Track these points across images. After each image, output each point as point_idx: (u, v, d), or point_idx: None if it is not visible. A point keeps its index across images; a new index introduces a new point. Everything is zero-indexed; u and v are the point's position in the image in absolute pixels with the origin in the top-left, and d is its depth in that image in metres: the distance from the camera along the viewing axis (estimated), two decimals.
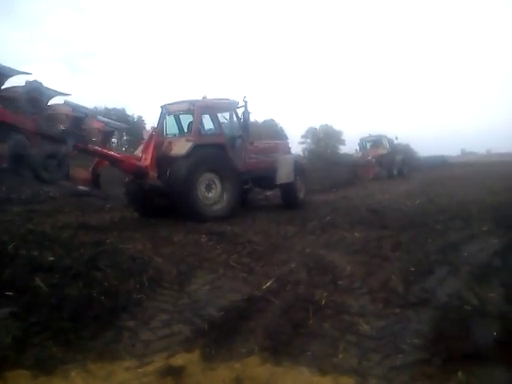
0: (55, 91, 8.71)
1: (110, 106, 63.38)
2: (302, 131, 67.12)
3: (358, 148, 30.32)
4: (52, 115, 8.78)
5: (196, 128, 10.71)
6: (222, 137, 11.19)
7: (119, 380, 3.26)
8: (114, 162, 9.77)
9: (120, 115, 61.39)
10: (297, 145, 60.80)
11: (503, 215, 8.56)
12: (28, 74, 8.31)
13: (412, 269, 5.36)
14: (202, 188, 10.35)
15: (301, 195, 13.04)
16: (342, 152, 56.58)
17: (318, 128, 68.97)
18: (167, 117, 11.69)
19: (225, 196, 10.72)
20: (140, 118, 62.84)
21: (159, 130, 11.14)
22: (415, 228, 7.91)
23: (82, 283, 4.68)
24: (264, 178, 12.24)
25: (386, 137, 29.39)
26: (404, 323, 3.97)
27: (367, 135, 30.03)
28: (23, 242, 5.90)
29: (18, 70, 8.18)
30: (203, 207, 10.26)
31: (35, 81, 8.29)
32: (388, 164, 27.57)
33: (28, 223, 8.90)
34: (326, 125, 68.06)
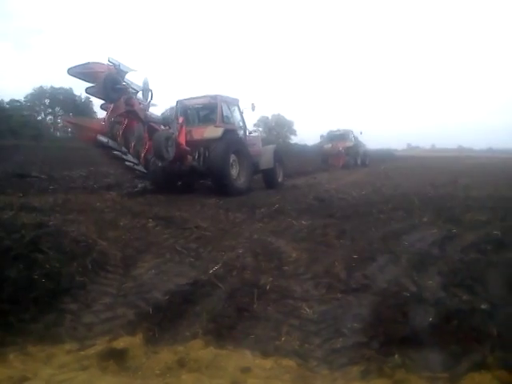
0: None
1: (57, 85, 61.29)
2: (254, 120, 67.14)
3: (323, 139, 33.57)
4: None
5: (220, 116, 12.86)
6: (234, 125, 13.65)
7: (59, 363, 3.20)
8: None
9: (67, 95, 59.58)
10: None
11: (443, 207, 8.90)
12: (135, 70, 10.06)
13: (355, 256, 5.49)
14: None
15: (279, 179, 15.36)
16: (293, 142, 57.16)
17: (269, 117, 69.22)
18: (181, 110, 13.34)
19: (242, 174, 12.83)
20: (88, 98, 60.92)
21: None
22: (359, 217, 8.11)
23: (22, 265, 4.52)
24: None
25: (351, 131, 33.64)
26: (345, 308, 4.07)
27: (336, 129, 34.05)
28: None
29: (131, 68, 9.93)
30: (233, 182, 12.23)
31: (145, 77, 10.28)
32: (353, 155, 32.10)
33: None
34: (278, 114, 68.49)
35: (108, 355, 3.27)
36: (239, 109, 14.48)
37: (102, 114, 10.45)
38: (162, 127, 11.57)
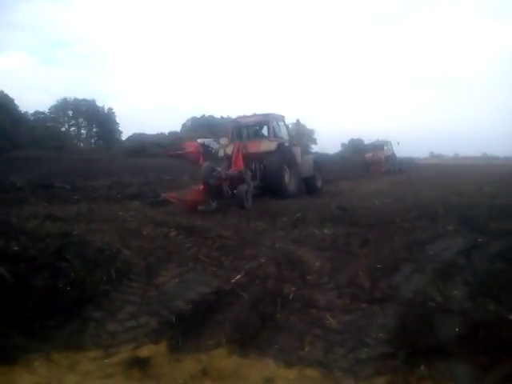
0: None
1: (80, 96, 62.39)
2: None
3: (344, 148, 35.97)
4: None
5: (272, 132, 14.75)
6: (283, 139, 15.56)
7: (84, 370, 3.23)
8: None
9: (90, 106, 60.51)
10: None
11: (468, 216, 8.73)
12: (216, 143, 13.41)
13: (379, 265, 5.41)
14: None
15: (319, 185, 17.01)
16: (313, 151, 56.96)
17: (290, 126, 69.09)
18: (236, 128, 15.43)
19: (292, 180, 14.59)
20: (110, 109, 61.85)
21: (233, 140, 14.64)
22: (383, 226, 7.99)
23: (47, 273, 4.59)
24: None
25: (389, 142, 36.81)
26: (370, 318, 4.03)
27: (375, 140, 37.83)
28: None
29: (213, 141, 13.31)
30: (286, 188, 14.03)
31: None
32: (392, 162, 34.97)
33: None
34: (298, 123, 68.25)
35: (132, 363, 3.29)
36: (285, 124, 16.54)
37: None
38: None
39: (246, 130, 15.77)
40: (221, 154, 13.71)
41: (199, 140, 12.66)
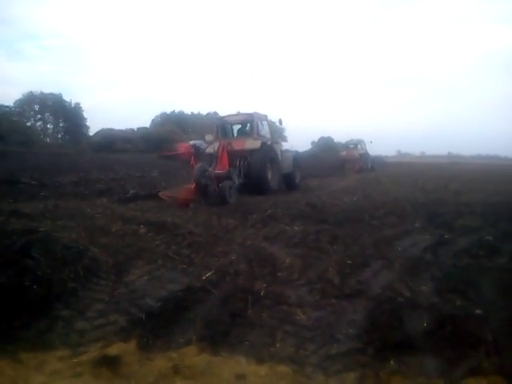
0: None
1: (47, 90, 61.03)
2: None
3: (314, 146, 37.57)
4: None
5: (256, 131, 15.42)
6: (266, 137, 16.04)
7: (52, 369, 3.15)
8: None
9: (57, 101, 59.30)
10: None
11: (435, 213, 8.94)
12: (207, 145, 14.60)
13: (348, 261, 5.49)
14: None
15: (297, 181, 17.91)
16: (284, 148, 57.24)
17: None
18: (221, 126, 16.11)
19: (274, 177, 15.44)
20: (77, 104, 60.75)
21: (218, 137, 15.31)
22: (352, 223, 8.11)
23: (13, 271, 4.47)
24: None
25: (363, 141, 38.71)
26: (339, 313, 4.05)
27: (350, 139, 39.66)
28: None
29: (204, 143, 14.73)
30: (269, 184, 14.86)
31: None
32: (365, 160, 37.02)
33: None
34: (280, 122, 68.44)
35: (101, 362, 3.23)
36: (268, 123, 17.09)
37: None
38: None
39: (231, 127, 16.41)
40: (209, 150, 14.24)
41: (191, 142, 14.07)
